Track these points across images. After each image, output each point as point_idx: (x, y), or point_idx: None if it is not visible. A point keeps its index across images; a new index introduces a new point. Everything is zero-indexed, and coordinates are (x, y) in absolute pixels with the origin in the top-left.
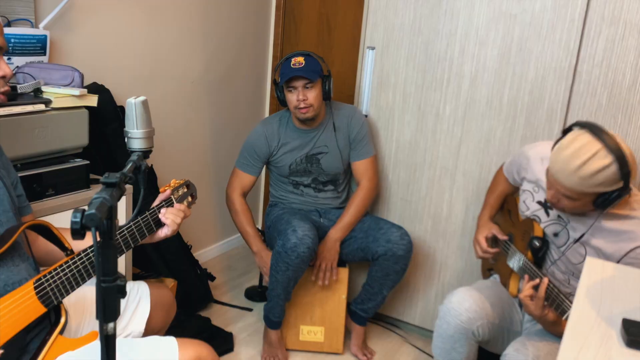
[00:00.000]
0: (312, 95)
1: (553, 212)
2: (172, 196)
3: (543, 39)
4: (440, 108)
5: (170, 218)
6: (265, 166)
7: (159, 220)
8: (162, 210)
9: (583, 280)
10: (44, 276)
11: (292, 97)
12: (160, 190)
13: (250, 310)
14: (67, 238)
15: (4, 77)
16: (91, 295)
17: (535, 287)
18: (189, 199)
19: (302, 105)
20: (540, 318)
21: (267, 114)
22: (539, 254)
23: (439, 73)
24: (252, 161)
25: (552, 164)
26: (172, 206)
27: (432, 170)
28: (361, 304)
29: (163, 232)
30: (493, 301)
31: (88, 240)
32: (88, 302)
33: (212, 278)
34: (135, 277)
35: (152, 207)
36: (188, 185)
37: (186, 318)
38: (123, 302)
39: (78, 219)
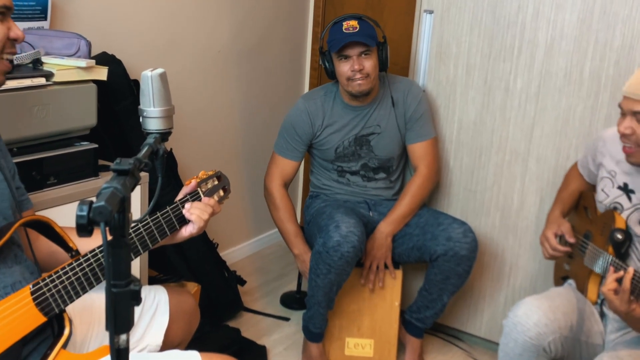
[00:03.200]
0: (370, 64)
1: (636, 197)
2: (199, 189)
3: (631, 0)
4: (510, 82)
5: (195, 214)
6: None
7: (183, 216)
8: (187, 205)
9: None
10: (43, 280)
11: (345, 68)
12: (186, 182)
13: (287, 319)
14: (72, 236)
15: (16, 39)
16: (100, 302)
17: (620, 281)
18: (220, 192)
19: (357, 76)
20: (626, 315)
21: (306, 89)
22: (621, 250)
23: (508, 41)
24: (292, 144)
25: (626, 85)
26: (199, 200)
27: (500, 155)
28: (417, 313)
29: (187, 231)
30: (566, 310)
31: (96, 238)
32: (96, 311)
33: (242, 282)
34: (152, 281)
35: (175, 201)
36: (219, 177)
37: (212, 329)
38: (137, 310)
39: (85, 213)
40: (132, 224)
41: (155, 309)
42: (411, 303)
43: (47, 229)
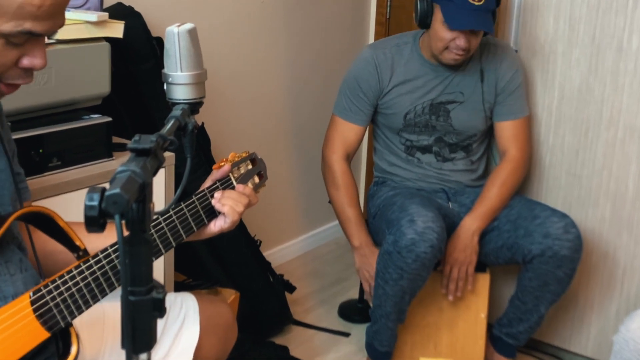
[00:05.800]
0: (477, 41)
1: None
2: (230, 174)
3: None
4: (623, 40)
5: (228, 205)
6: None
7: (212, 208)
8: (217, 195)
9: None
10: (45, 286)
11: (447, 35)
12: (214, 167)
13: (346, 335)
14: (79, 233)
15: (32, 68)
16: (113, 314)
17: None
18: (255, 179)
19: (459, 52)
20: None
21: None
22: None
23: None
24: (356, 103)
25: None
26: (232, 189)
27: (612, 131)
28: (508, 327)
29: (217, 226)
30: None
31: (109, 234)
32: (109, 324)
33: (292, 289)
34: (179, 287)
35: (201, 189)
36: (254, 159)
37: (253, 346)
38: (161, 323)
39: (95, 203)
40: (153, 217)
41: (183, 321)
42: (501, 315)
43: (49, 223)
